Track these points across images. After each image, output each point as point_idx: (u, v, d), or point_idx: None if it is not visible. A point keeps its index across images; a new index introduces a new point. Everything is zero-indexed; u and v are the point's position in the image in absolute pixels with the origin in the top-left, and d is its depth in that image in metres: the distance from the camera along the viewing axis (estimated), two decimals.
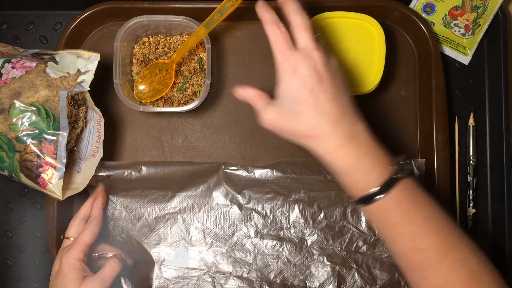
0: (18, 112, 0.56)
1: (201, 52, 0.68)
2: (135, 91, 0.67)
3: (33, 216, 0.69)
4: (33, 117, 0.56)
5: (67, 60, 0.59)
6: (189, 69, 0.67)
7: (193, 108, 0.63)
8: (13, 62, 0.58)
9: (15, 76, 0.57)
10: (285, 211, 0.65)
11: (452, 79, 0.71)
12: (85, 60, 0.60)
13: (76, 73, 0.59)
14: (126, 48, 0.66)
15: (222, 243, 0.65)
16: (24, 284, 0.68)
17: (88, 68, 0.59)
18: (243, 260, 0.64)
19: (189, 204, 0.65)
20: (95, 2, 0.67)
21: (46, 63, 0.58)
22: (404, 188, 0.49)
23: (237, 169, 0.65)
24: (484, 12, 0.70)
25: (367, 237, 0.64)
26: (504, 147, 0.68)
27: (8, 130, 0.56)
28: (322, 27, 0.66)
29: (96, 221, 0.61)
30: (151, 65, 0.67)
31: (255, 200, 0.65)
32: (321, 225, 0.65)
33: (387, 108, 0.69)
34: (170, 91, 0.67)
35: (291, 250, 0.64)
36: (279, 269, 0.64)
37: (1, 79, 0.57)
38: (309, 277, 0.64)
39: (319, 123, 0.49)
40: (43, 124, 0.56)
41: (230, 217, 0.65)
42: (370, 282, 0.63)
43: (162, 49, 0.68)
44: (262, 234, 0.65)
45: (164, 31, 0.68)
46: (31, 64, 0.58)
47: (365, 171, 0.49)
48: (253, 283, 0.64)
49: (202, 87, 0.67)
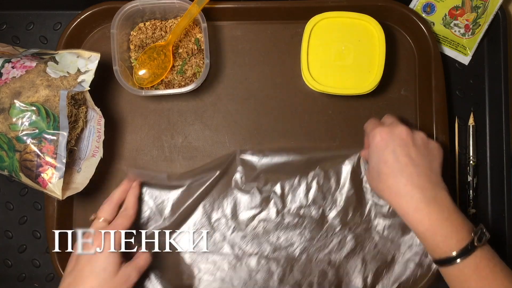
0: (18, 112, 0.56)
1: (197, 33, 0.68)
2: (135, 77, 0.67)
3: (33, 216, 0.69)
4: (33, 116, 0.56)
5: (67, 60, 0.59)
6: (186, 51, 0.68)
7: (194, 88, 0.63)
8: (13, 62, 0.58)
9: (15, 76, 0.57)
10: (303, 189, 0.66)
11: (452, 79, 0.71)
12: (85, 60, 0.60)
13: (76, 72, 0.59)
14: (124, 36, 0.66)
15: (245, 226, 0.66)
16: (24, 284, 0.68)
17: (88, 68, 0.59)
18: (267, 241, 0.65)
19: (209, 192, 0.66)
20: (95, 2, 0.67)
21: (46, 63, 0.58)
22: (482, 255, 0.51)
23: (253, 154, 0.66)
24: (484, 12, 0.70)
25: (386, 206, 0.65)
26: (504, 147, 0.68)
27: (8, 129, 0.56)
28: (322, 27, 0.66)
29: (132, 210, 0.61)
30: (148, 49, 0.67)
31: (272, 182, 0.66)
32: (340, 199, 0.66)
33: (387, 108, 0.69)
34: (169, 74, 0.67)
35: (313, 226, 0.65)
36: (303, 246, 0.65)
37: (1, 78, 0.57)
38: (333, 250, 0.65)
39: (398, 183, 0.54)
40: (43, 124, 0.56)
41: (249, 201, 0.66)
42: (393, 249, 0.64)
43: (159, 33, 0.68)
44: (283, 214, 0.66)
45: (159, 15, 0.68)
46: (31, 64, 0.58)
47: (445, 236, 0.51)
48: (279, 262, 0.65)
49: (202, 67, 0.67)
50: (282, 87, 0.69)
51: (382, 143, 0.56)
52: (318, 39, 0.66)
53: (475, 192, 0.69)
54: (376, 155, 0.56)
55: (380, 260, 0.64)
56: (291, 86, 0.69)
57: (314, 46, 0.66)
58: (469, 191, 0.69)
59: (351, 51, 0.66)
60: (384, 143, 0.56)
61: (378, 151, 0.56)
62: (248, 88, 0.69)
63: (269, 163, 0.66)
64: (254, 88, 0.69)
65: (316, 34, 0.66)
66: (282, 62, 0.69)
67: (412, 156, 0.55)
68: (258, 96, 0.69)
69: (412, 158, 0.55)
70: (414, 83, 0.70)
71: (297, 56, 0.67)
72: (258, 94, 0.69)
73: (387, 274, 0.64)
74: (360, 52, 0.66)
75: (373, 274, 0.64)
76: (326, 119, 0.69)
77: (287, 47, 0.69)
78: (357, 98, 0.68)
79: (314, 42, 0.66)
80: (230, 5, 0.68)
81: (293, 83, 0.69)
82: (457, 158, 0.70)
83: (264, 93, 0.69)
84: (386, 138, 0.56)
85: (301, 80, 0.68)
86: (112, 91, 0.69)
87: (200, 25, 0.66)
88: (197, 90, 0.67)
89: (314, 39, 0.66)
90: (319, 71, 0.65)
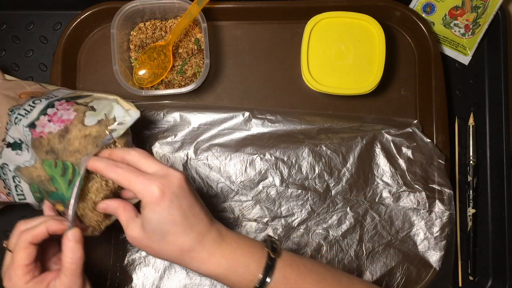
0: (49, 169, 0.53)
1: (197, 33, 0.68)
2: (135, 77, 0.67)
3: (33, 216, 0.68)
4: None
5: (105, 105, 0.56)
6: (186, 51, 0.68)
7: (194, 88, 0.63)
8: (49, 115, 0.54)
9: (52, 131, 0.53)
10: (311, 161, 0.66)
11: (452, 79, 0.71)
12: (124, 111, 0.56)
13: (111, 119, 0.55)
14: (124, 36, 0.66)
15: (248, 190, 0.65)
16: None
17: (125, 120, 0.55)
18: (268, 208, 0.65)
19: (216, 152, 0.66)
20: (95, 2, 0.67)
21: (84, 113, 0.54)
22: (285, 264, 0.50)
23: (265, 117, 0.66)
24: (484, 12, 0.70)
25: (391, 189, 0.65)
26: (504, 147, 0.68)
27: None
28: (322, 27, 0.66)
29: None
30: (148, 49, 0.67)
31: (281, 150, 0.66)
32: (346, 176, 0.66)
33: (387, 108, 0.69)
34: (169, 74, 0.67)
35: (315, 199, 0.65)
36: (303, 217, 0.65)
37: (35, 131, 0.53)
38: (332, 226, 0.65)
39: (189, 239, 0.49)
40: (63, 187, 0.53)
41: (256, 166, 0.66)
42: (392, 234, 0.65)
43: (159, 33, 0.68)
44: (287, 183, 0.66)
45: (159, 15, 0.68)
46: (69, 116, 0.54)
47: (244, 265, 0.49)
48: (277, 230, 0.65)
49: (202, 67, 0.67)
50: (282, 87, 0.69)
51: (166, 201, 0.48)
52: (318, 39, 0.66)
53: (475, 192, 0.69)
54: (158, 215, 0.48)
55: (376, 242, 0.65)
56: (291, 86, 0.69)
57: (314, 46, 0.66)
58: (469, 191, 0.69)
59: (351, 51, 0.66)
60: (168, 200, 0.48)
61: (160, 210, 0.48)
62: (248, 88, 0.69)
63: (280, 129, 0.66)
64: (254, 88, 0.69)
65: (316, 34, 0.66)
66: (282, 62, 0.69)
67: (192, 206, 0.49)
68: (258, 96, 0.69)
69: (191, 208, 0.49)
70: (414, 83, 0.70)
71: (297, 56, 0.67)
72: (258, 94, 0.69)
73: (381, 256, 0.64)
74: (360, 52, 0.66)
75: (367, 254, 0.64)
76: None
77: (287, 47, 0.69)
78: (357, 98, 0.68)
79: (314, 42, 0.66)
80: (230, 5, 0.68)
81: (293, 83, 0.69)
82: (457, 158, 0.70)
83: (264, 93, 0.69)
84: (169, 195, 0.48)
85: (301, 80, 0.68)
86: (112, 91, 0.69)
87: (200, 25, 0.66)
88: (197, 90, 0.67)
89: (314, 39, 0.66)
90: (319, 71, 0.65)
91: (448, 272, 0.64)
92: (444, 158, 0.65)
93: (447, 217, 0.64)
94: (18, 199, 0.56)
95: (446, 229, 0.64)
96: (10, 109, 0.55)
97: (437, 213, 0.64)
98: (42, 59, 0.70)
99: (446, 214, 0.64)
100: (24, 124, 0.54)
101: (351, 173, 0.66)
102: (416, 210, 0.65)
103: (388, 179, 0.66)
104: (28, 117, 0.54)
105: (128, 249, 0.64)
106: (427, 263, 0.64)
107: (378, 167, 0.66)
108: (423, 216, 0.64)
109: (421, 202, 0.65)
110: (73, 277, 0.49)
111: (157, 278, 0.64)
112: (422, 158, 0.65)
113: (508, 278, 0.66)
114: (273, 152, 0.66)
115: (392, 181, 0.66)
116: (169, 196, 0.48)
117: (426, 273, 0.64)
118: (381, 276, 0.64)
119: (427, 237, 0.64)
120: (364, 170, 0.66)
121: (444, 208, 0.64)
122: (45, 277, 0.50)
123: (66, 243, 0.50)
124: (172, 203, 0.48)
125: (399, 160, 0.66)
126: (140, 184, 0.48)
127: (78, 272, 0.50)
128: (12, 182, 0.55)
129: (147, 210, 0.48)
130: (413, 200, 0.65)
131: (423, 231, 0.64)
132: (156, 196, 0.47)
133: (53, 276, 0.50)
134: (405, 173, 0.65)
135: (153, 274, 0.64)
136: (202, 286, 0.64)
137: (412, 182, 0.65)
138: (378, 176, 0.66)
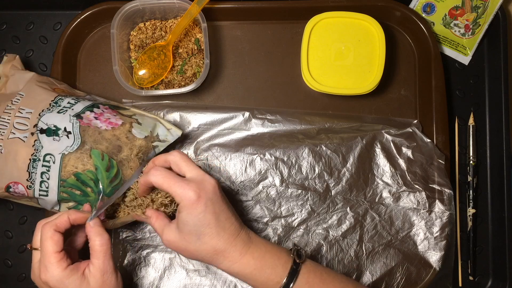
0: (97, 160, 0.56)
1: (197, 33, 0.68)
2: (135, 77, 0.67)
3: (33, 216, 0.69)
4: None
5: (149, 122, 0.61)
6: (186, 51, 0.68)
7: (193, 88, 0.63)
8: (96, 113, 0.59)
9: (99, 127, 0.58)
10: (311, 161, 0.66)
11: (452, 79, 0.71)
12: (166, 131, 0.62)
13: (155, 136, 0.60)
14: (124, 36, 0.66)
15: (248, 191, 0.66)
16: (24, 284, 0.68)
17: (167, 139, 0.61)
18: (267, 208, 0.65)
19: (216, 152, 0.66)
20: (95, 2, 0.67)
21: (131, 124, 0.59)
22: (308, 270, 0.54)
23: (265, 117, 0.66)
24: (484, 12, 0.70)
25: (391, 189, 0.65)
26: (504, 147, 0.68)
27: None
28: (322, 27, 0.66)
29: None
30: (148, 49, 0.67)
31: (281, 150, 0.66)
32: (346, 176, 0.66)
33: (387, 108, 0.69)
34: (169, 74, 0.67)
35: (315, 199, 0.65)
36: (303, 217, 0.65)
37: (82, 120, 0.57)
38: (332, 226, 0.65)
39: (222, 240, 0.53)
40: (106, 182, 0.57)
41: (256, 166, 0.66)
42: (392, 234, 0.65)
43: (159, 33, 0.68)
44: (287, 183, 0.66)
45: (159, 15, 0.68)
46: (117, 121, 0.59)
47: (271, 267, 0.53)
48: (277, 230, 0.65)
49: (202, 67, 0.67)
50: (282, 87, 0.69)
51: (201, 205, 0.52)
52: (318, 39, 0.66)
53: (475, 192, 0.69)
54: (193, 217, 0.51)
55: (376, 242, 0.65)
56: (291, 86, 0.69)
57: (314, 46, 0.66)
58: (469, 191, 0.69)
59: (351, 51, 0.66)
60: (203, 204, 0.52)
61: (196, 213, 0.51)
62: (248, 88, 0.69)
63: (280, 129, 0.66)
64: (254, 88, 0.69)
65: (316, 34, 0.66)
66: (282, 62, 0.69)
67: (224, 210, 0.53)
68: (258, 96, 0.69)
69: (225, 212, 0.53)
70: (414, 83, 0.70)
71: (297, 56, 0.67)
72: (258, 94, 0.69)
73: (381, 257, 0.64)
74: (360, 52, 0.66)
75: (367, 254, 0.64)
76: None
77: (287, 47, 0.69)
78: (357, 98, 0.68)
79: (314, 42, 0.66)
80: (230, 5, 0.68)
81: (293, 83, 0.69)
82: (457, 158, 0.70)
83: (264, 93, 0.69)
84: (204, 199, 0.52)
85: (301, 80, 0.68)
86: (112, 91, 0.69)
87: (200, 25, 0.66)
88: (197, 90, 0.67)
89: (314, 39, 0.66)
90: (319, 71, 0.66)
91: (448, 272, 0.64)
92: (444, 158, 0.65)
93: (447, 217, 0.64)
94: (39, 194, 0.57)
95: (446, 229, 0.64)
96: (54, 100, 0.59)
97: (437, 213, 0.64)
98: (42, 59, 0.70)
99: (446, 214, 0.64)
100: (70, 114, 0.57)
101: (351, 173, 0.66)
102: (416, 210, 0.65)
103: (388, 179, 0.66)
104: (74, 108, 0.58)
105: (128, 249, 0.64)
106: (427, 263, 0.64)
107: (378, 167, 0.66)
108: (423, 216, 0.64)
109: (421, 202, 0.65)
110: (105, 258, 0.52)
111: (157, 278, 0.64)
112: (422, 158, 0.65)
113: (508, 278, 0.66)
114: (273, 152, 0.66)
115: (392, 181, 0.66)
116: (204, 201, 0.51)
117: (426, 273, 0.64)
118: (381, 276, 0.64)
119: (427, 237, 0.64)
120: (364, 170, 0.66)
121: (444, 208, 0.64)
122: (79, 265, 0.53)
123: (91, 230, 0.53)
124: (206, 207, 0.52)
125: (399, 160, 0.66)
126: (179, 188, 0.52)
127: (109, 253, 0.53)
128: (39, 177, 0.56)
129: (184, 213, 0.52)
130: (413, 200, 0.65)
131: (423, 231, 0.64)
132: (193, 200, 0.51)
133: (85, 264, 0.53)
134: (405, 173, 0.66)
135: (153, 274, 0.64)
136: (202, 286, 0.64)
137: (412, 182, 0.65)
138: (378, 176, 0.66)
